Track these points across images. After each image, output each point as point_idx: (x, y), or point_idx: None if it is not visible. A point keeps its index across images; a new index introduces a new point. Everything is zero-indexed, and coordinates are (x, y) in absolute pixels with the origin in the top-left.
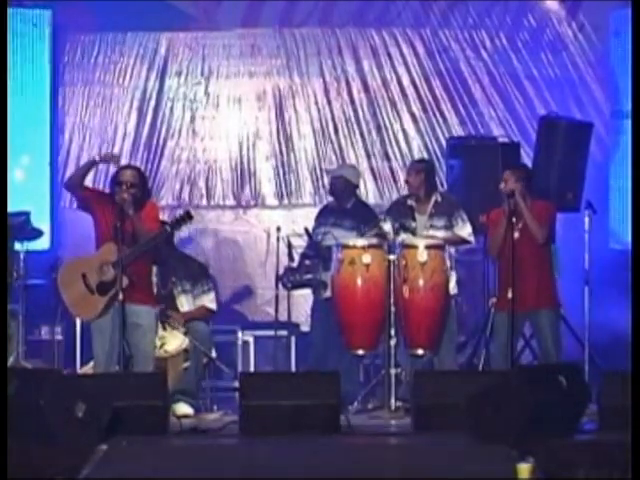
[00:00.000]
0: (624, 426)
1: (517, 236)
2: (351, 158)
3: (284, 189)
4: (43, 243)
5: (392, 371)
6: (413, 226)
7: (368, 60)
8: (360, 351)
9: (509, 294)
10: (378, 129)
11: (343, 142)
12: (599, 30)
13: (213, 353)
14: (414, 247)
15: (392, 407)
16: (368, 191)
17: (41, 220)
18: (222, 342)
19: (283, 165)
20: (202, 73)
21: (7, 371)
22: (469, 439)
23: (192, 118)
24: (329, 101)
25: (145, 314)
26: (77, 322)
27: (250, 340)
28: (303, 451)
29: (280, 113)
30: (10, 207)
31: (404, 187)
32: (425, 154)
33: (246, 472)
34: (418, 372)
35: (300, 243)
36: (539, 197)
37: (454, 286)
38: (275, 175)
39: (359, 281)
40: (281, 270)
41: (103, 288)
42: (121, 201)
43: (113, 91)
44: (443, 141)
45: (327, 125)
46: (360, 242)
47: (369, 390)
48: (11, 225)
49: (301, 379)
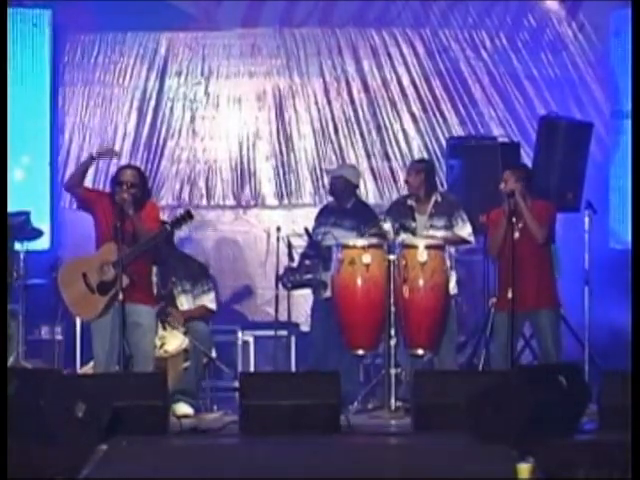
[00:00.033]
0: (624, 426)
1: (517, 236)
2: (351, 158)
3: (284, 189)
4: (43, 243)
5: (392, 371)
6: (413, 226)
7: (368, 60)
8: (360, 351)
9: (509, 294)
10: (378, 129)
11: (343, 142)
12: (599, 30)
13: (213, 353)
14: (414, 247)
15: (392, 407)
16: (368, 191)
17: (41, 220)
18: (222, 342)
19: (283, 165)
20: (202, 73)
21: (7, 371)
22: (469, 439)
23: (192, 118)
24: (329, 101)
25: (145, 314)
26: (77, 322)
27: (250, 340)
28: (303, 451)
29: (280, 113)
30: (10, 207)
31: (404, 187)
32: (425, 154)
33: (246, 472)
34: (418, 372)
35: (300, 243)
36: (539, 197)
37: (454, 286)
38: (275, 175)
39: (359, 281)
40: (281, 270)
41: (104, 288)
42: (121, 201)
43: (113, 91)
44: (443, 141)
45: (327, 125)
46: (360, 242)
47: (369, 390)
48: (11, 225)
49: (301, 379)
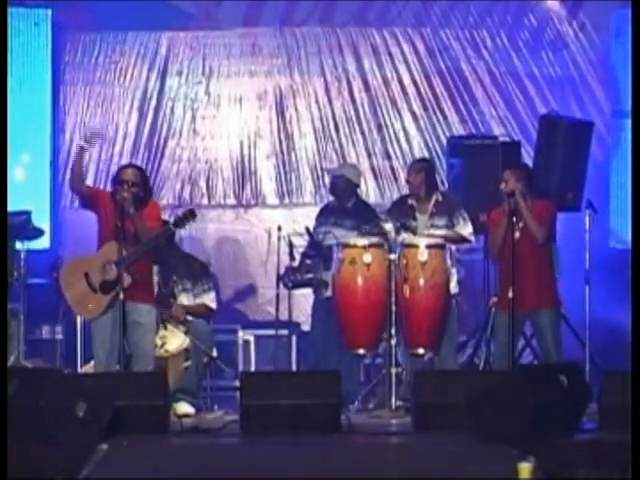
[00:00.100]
0: (624, 426)
1: (518, 236)
2: (352, 157)
3: (285, 188)
4: (44, 242)
5: (393, 370)
6: (414, 225)
7: (369, 59)
8: (361, 350)
9: (509, 294)
10: (379, 128)
11: (344, 141)
12: (600, 29)
13: (214, 352)
14: (415, 246)
15: (392, 406)
16: (369, 190)
17: (42, 219)
18: (223, 341)
19: (284, 164)
20: (203, 72)
21: (7, 370)
22: (470, 438)
23: (193, 117)
24: (330, 100)
25: (146, 313)
26: (78, 321)
27: (251, 339)
28: (303, 450)
29: (281, 112)
30: (11, 206)
31: (405, 186)
32: (426, 153)
33: (246, 471)
34: (418, 371)
35: (301, 242)
36: (539, 196)
37: (455, 285)
38: (276, 174)
39: (360, 280)
40: (282, 269)
41: (106, 287)
42: (122, 200)
43: (114, 90)
44: (444, 140)
45: (328, 124)
46: (361, 241)
47: (369, 389)
48: (12, 224)
49: (302, 378)
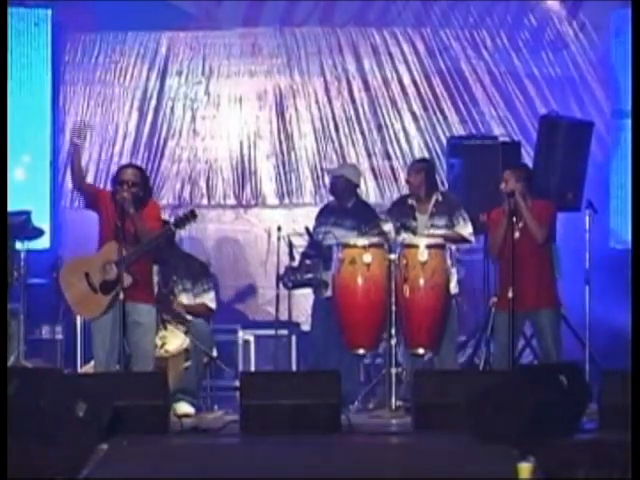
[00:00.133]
0: (625, 426)
1: (517, 236)
2: (352, 157)
3: (285, 188)
4: (44, 242)
5: (393, 370)
6: (414, 225)
7: (369, 59)
8: (361, 350)
9: (509, 294)
10: (379, 128)
11: (344, 141)
12: (600, 29)
13: (214, 352)
14: (415, 246)
15: (393, 406)
16: (369, 190)
17: (42, 219)
18: (223, 341)
19: (284, 164)
20: (203, 72)
21: (7, 371)
22: (470, 438)
23: (193, 117)
24: (330, 100)
25: (146, 313)
26: (78, 321)
27: (251, 339)
28: (303, 450)
29: (281, 112)
30: (11, 206)
31: (405, 186)
32: (426, 153)
33: (246, 471)
34: (418, 371)
35: (301, 242)
36: (539, 196)
37: (455, 285)
38: (276, 174)
39: (360, 280)
40: (282, 269)
41: (106, 287)
42: (122, 200)
43: (114, 90)
44: (444, 140)
45: (328, 124)
46: (361, 241)
47: (369, 389)
48: (12, 224)
49: (302, 378)
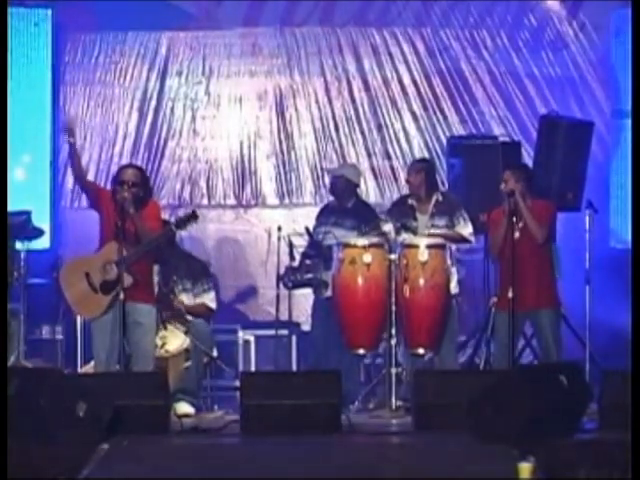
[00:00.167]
0: (625, 425)
1: (518, 236)
2: (352, 157)
3: (285, 188)
4: (44, 242)
5: (393, 370)
6: (414, 226)
7: (369, 59)
8: (361, 350)
9: (510, 294)
10: (379, 128)
11: (344, 141)
12: (600, 29)
13: (214, 352)
14: (415, 246)
15: (393, 406)
16: (369, 190)
17: (42, 219)
18: (223, 341)
19: (284, 164)
20: (203, 72)
21: (7, 371)
22: (470, 438)
23: (193, 118)
24: (330, 100)
25: (146, 313)
26: (78, 321)
27: (251, 339)
28: (304, 450)
29: (281, 112)
30: (11, 206)
31: (405, 186)
32: (426, 153)
33: (247, 471)
34: (419, 371)
35: (301, 242)
36: (540, 196)
37: (455, 285)
38: (276, 174)
39: (360, 280)
40: (282, 269)
41: (107, 287)
42: (122, 200)
43: (114, 91)
44: (444, 140)
45: (328, 124)
46: (361, 241)
47: (370, 389)
48: (12, 224)
49: (302, 378)
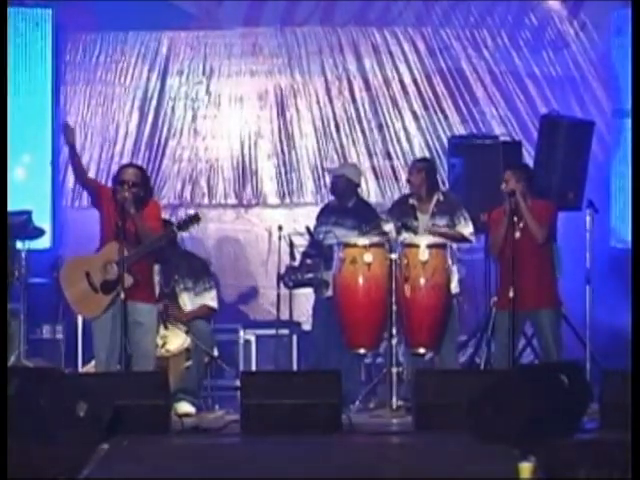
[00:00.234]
0: (625, 425)
1: (518, 236)
2: (352, 157)
3: (286, 188)
4: (44, 242)
5: (393, 370)
6: (415, 225)
7: (369, 58)
8: (361, 350)
9: (510, 293)
10: (380, 127)
11: (345, 141)
12: (600, 29)
13: (215, 352)
14: (415, 246)
15: (393, 406)
16: (370, 190)
17: (42, 219)
18: (224, 341)
19: (285, 164)
20: (204, 72)
21: (8, 370)
22: (470, 438)
23: (194, 117)
24: (331, 100)
25: (147, 312)
26: (79, 321)
27: (252, 339)
28: (304, 450)
29: (282, 112)
30: (11, 206)
31: (406, 186)
32: (427, 152)
33: (247, 471)
34: (419, 371)
35: (302, 242)
36: (540, 196)
37: (456, 285)
38: (277, 174)
39: (360, 280)
40: (283, 269)
41: (107, 287)
42: (122, 200)
43: (115, 90)
44: (445, 139)
45: (329, 124)
46: (361, 241)
47: (370, 389)
48: (12, 224)
49: (302, 378)
